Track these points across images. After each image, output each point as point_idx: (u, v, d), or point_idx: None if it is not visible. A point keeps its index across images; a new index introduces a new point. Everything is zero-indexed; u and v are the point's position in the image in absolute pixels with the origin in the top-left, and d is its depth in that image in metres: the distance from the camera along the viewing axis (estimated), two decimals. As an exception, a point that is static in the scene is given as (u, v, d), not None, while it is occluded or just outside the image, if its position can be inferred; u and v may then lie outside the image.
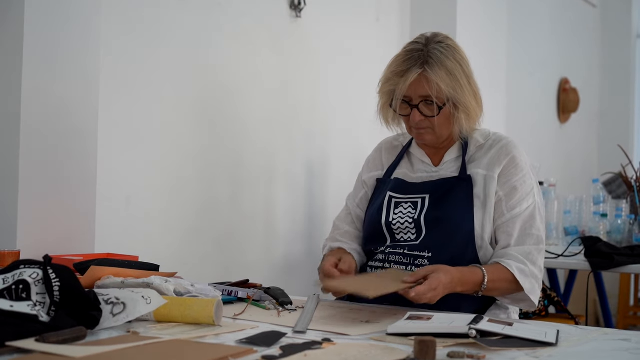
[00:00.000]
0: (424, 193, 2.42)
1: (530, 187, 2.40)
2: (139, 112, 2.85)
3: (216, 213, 3.18)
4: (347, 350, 1.61)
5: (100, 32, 2.61)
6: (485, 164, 2.40)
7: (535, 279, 2.33)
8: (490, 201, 2.36)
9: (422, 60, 2.32)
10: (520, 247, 2.35)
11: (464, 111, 2.36)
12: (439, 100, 2.33)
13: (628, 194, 4.51)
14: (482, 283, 2.25)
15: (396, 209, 2.43)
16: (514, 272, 2.29)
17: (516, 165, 2.39)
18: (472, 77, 2.40)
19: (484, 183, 2.38)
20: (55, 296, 1.72)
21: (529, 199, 2.38)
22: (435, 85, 2.30)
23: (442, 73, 2.31)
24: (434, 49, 2.34)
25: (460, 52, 2.41)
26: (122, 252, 2.51)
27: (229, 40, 3.24)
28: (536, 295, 2.34)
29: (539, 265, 2.35)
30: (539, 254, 2.36)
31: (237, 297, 2.28)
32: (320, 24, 3.72)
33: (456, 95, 2.33)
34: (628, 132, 7.24)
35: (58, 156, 2.48)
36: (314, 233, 3.65)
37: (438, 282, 2.13)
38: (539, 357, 1.63)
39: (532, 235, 2.37)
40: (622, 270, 3.72)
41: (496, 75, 4.95)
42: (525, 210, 2.37)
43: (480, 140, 2.46)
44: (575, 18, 6.84)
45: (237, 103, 3.28)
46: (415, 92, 2.34)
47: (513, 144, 2.44)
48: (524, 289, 2.29)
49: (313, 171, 3.70)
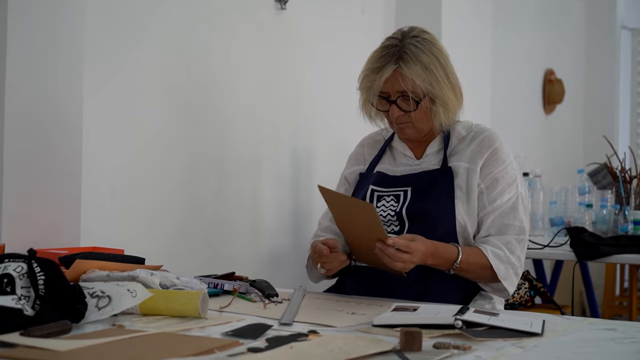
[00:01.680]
0: (406, 186, 2.43)
1: (512, 178, 2.40)
2: (123, 105, 2.83)
3: (202, 206, 3.18)
4: (333, 342, 1.61)
5: (84, 25, 2.59)
6: (468, 157, 2.41)
7: (511, 266, 2.33)
8: (473, 194, 2.37)
9: (397, 56, 2.33)
10: (501, 237, 2.36)
11: (442, 105, 2.36)
12: (415, 95, 2.33)
13: (613, 185, 4.53)
14: (454, 261, 2.27)
15: (379, 202, 2.44)
16: (488, 255, 2.30)
17: (498, 157, 2.40)
18: (450, 69, 2.39)
19: (466, 176, 2.38)
20: (40, 290, 1.72)
21: (511, 191, 2.39)
22: (410, 81, 2.31)
23: (417, 68, 2.31)
24: (409, 43, 2.34)
25: (437, 45, 2.40)
26: (107, 246, 2.50)
27: (214, 33, 3.23)
28: (511, 283, 2.34)
29: (517, 255, 2.35)
30: (519, 244, 2.37)
31: (222, 289, 2.28)
32: (305, 16, 3.71)
33: (432, 90, 2.33)
34: (613, 123, 7.26)
35: (43, 150, 2.46)
36: (300, 226, 3.65)
37: (416, 247, 2.16)
38: (524, 347, 1.64)
39: (513, 226, 2.37)
40: (608, 260, 3.74)
41: (481, 66, 4.95)
42: (507, 202, 2.37)
43: (463, 132, 2.46)
44: (560, 9, 6.85)
45: (222, 96, 3.27)
46: (392, 88, 2.34)
47: (495, 135, 2.44)
48: (497, 274, 2.30)
49: (299, 164, 3.70)
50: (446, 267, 2.29)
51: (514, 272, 2.34)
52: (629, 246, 3.75)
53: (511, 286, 2.34)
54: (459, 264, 2.27)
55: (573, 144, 7.13)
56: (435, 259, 2.25)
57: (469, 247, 2.33)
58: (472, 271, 2.32)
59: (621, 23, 7.41)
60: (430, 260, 2.24)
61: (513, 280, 2.35)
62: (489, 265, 2.30)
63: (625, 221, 4.15)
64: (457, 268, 2.28)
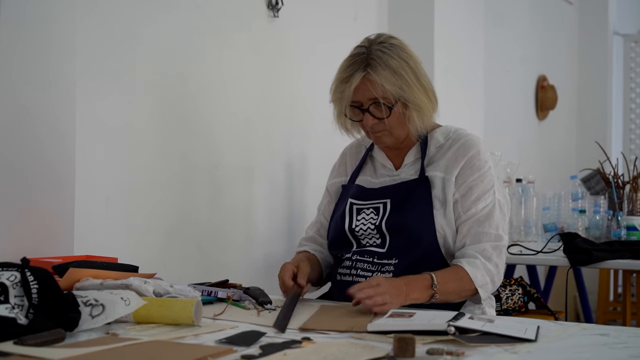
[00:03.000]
0: (385, 198, 2.40)
1: (489, 185, 2.36)
2: (116, 113, 2.83)
3: (195, 213, 3.18)
4: (327, 349, 1.62)
5: (77, 34, 2.60)
6: (444, 166, 2.37)
7: (487, 273, 2.29)
8: (449, 204, 2.34)
9: (365, 63, 2.30)
10: (475, 245, 2.32)
11: (415, 109, 2.33)
12: (386, 100, 2.30)
13: (606, 190, 4.54)
14: (432, 284, 2.20)
15: (358, 215, 2.42)
16: (463, 265, 2.26)
17: (472, 165, 2.35)
18: (421, 72, 2.36)
19: (442, 186, 2.35)
20: (34, 298, 1.71)
21: (486, 198, 2.35)
22: (380, 86, 2.28)
23: (385, 73, 2.28)
24: (376, 49, 2.31)
25: (406, 50, 2.37)
26: (101, 254, 2.50)
27: (207, 41, 3.23)
28: (486, 290, 2.31)
29: (494, 262, 2.31)
30: (495, 250, 2.32)
31: (216, 297, 2.28)
32: (298, 24, 3.72)
33: (404, 94, 2.30)
34: (605, 129, 7.28)
35: (36, 159, 2.46)
36: (294, 233, 3.65)
37: (377, 280, 2.12)
38: (517, 353, 1.64)
39: (489, 233, 2.33)
40: (601, 266, 3.74)
41: (474, 73, 4.97)
42: (482, 210, 2.34)
43: (441, 140, 2.42)
44: (552, 15, 6.87)
45: (215, 103, 3.27)
46: (363, 96, 2.32)
47: (472, 142, 2.39)
48: (475, 283, 2.26)
49: (292, 171, 3.70)
50: (428, 293, 2.21)
51: (490, 280, 2.30)
52: (622, 251, 3.75)
53: (485, 293, 2.31)
54: (438, 285, 2.20)
55: (566, 150, 7.14)
56: (410, 286, 2.18)
57: (442, 269, 2.29)
58: (454, 290, 2.26)
59: (613, 29, 7.44)
60: (404, 287, 2.16)
61: (489, 287, 2.31)
62: (467, 276, 2.26)
63: (618, 227, 4.15)
64: (438, 290, 2.21)
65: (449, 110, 4.50)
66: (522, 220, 4.56)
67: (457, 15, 4.72)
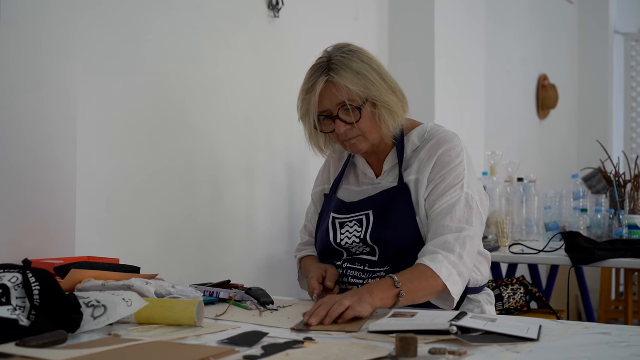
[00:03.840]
0: (366, 210, 2.37)
1: (456, 179, 2.30)
2: (117, 114, 2.83)
3: (197, 214, 3.18)
4: (329, 349, 1.61)
5: (76, 35, 2.60)
6: (417, 168, 2.34)
7: (453, 265, 2.19)
8: (422, 206, 2.31)
9: (326, 69, 2.28)
10: (436, 240, 2.24)
11: (385, 107, 2.29)
12: (354, 102, 2.26)
13: (607, 189, 4.54)
14: (393, 282, 2.10)
15: (342, 229, 2.40)
16: (424, 262, 2.17)
17: (441, 162, 2.31)
18: (384, 73, 2.33)
19: (416, 189, 2.32)
20: (36, 300, 1.71)
21: (452, 193, 2.28)
22: (345, 88, 2.25)
23: (348, 75, 2.25)
24: (335, 56, 2.29)
25: (367, 54, 2.33)
26: (103, 255, 2.50)
27: (207, 41, 3.23)
28: (454, 282, 2.19)
29: (457, 253, 2.21)
30: (457, 242, 2.22)
31: (218, 297, 2.28)
32: (299, 24, 3.72)
33: (370, 93, 2.27)
34: (607, 128, 7.29)
35: (37, 161, 2.46)
36: (295, 233, 3.64)
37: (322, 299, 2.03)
38: (519, 352, 1.64)
39: (449, 227, 2.24)
40: (603, 265, 3.75)
41: (475, 72, 4.97)
42: (445, 204, 2.27)
43: (417, 142, 2.38)
44: (553, 14, 6.87)
45: (216, 104, 3.27)
46: (330, 102, 2.28)
47: (444, 139, 2.34)
48: (440, 278, 2.16)
49: (293, 171, 3.70)
50: (393, 292, 2.09)
51: (456, 272, 2.19)
52: (624, 250, 3.76)
53: (454, 286, 2.19)
54: (400, 283, 2.10)
55: (567, 149, 7.14)
56: (370, 288, 2.08)
57: (404, 270, 2.18)
58: (422, 288, 2.15)
59: (614, 28, 7.44)
60: (366, 292, 2.06)
61: (456, 280, 2.19)
62: (430, 271, 2.16)
63: (620, 225, 4.16)
64: (403, 287, 2.10)
65: (449, 110, 4.54)
66: (523, 220, 4.56)
67: (458, 15, 4.72)
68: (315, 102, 2.28)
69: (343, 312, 1.96)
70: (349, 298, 2.00)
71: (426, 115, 4.26)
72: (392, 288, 2.10)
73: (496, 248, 4.11)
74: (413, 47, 4.47)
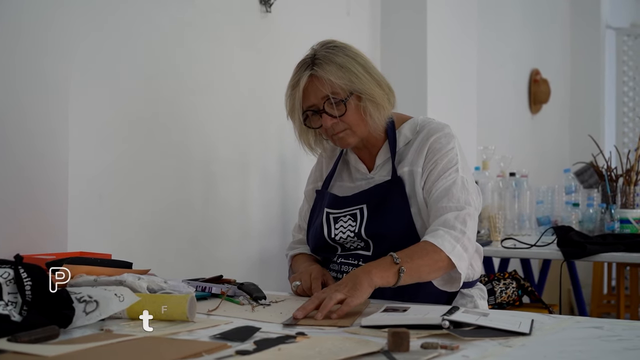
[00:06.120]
0: (360, 204, 2.37)
1: (450, 163, 2.30)
2: (110, 109, 2.83)
3: (189, 209, 3.18)
4: (321, 344, 1.61)
5: (68, 30, 2.59)
6: (410, 160, 2.34)
7: (455, 239, 2.18)
8: (419, 196, 2.31)
9: (311, 64, 2.30)
10: (437, 220, 2.23)
11: (369, 99, 2.29)
12: (338, 95, 2.27)
13: (599, 183, 4.55)
14: (393, 260, 2.09)
15: (336, 223, 2.40)
16: (427, 238, 2.17)
17: (433, 149, 2.31)
18: (370, 66, 2.33)
19: (412, 180, 2.32)
20: (27, 295, 1.71)
21: (447, 176, 2.28)
22: (328, 81, 2.26)
23: (331, 68, 2.26)
24: (320, 52, 2.31)
25: (352, 49, 2.35)
26: (95, 251, 2.50)
27: (200, 36, 3.23)
28: (459, 257, 2.17)
29: (459, 229, 2.20)
30: (457, 220, 2.21)
31: (210, 293, 2.28)
32: (291, 19, 3.72)
33: (353, 86, 2.27)
34: (598, 122, 7.30)
35: (29, 156, 2.46)
36: (288, 228, 3.65)
37: (317, 294, 2.02)
38: (511, 346, 1.64)
39: (448, 207, 2.24)
40: (595, 259, 3.75)
41: (467, 67, 4.97)
42: (441, 187, 2.27)
43: (409, 135, 2.39)
44: (544, 9, 6.88)
45: (209, 99, 3.27)
46: (315, 97, 2.30)
47: (434, 129, 2.35)
48: (444, 251, 2.15)
49: (286, 166, 3.70)
50: (393, 268, 2.08)
51: (460, 245, 2.18)
52: (615, 244, 3.77)
53: (460, 260, 2.18)
54: (400, 259, 2.09)
55: (559, 143, 7.15)
56: (371, 267, 2.08)
57: (405, 248, 2.17)
58: (423, 263, 2.13)
59: (606, 22, 7.45)
60: (365, 271, 2.05)
61: (461, 254, 2.18)
62: (433, 246, 2.15)
63: (611, 220, 4.17)
64: (403, 263, 2.08)
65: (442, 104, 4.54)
66: (515, 214, 4.57)
67: (450, 9, 4.72)
68: (300, 96, 2.30)
69: (340, 304, 1.96)
70: (342, 288, 2.00)
71: (418, 110, 4.27)
72: (391, 265, 2.09)
73: (488, 242, 4.11)
74: (405, 41, 4.47)
